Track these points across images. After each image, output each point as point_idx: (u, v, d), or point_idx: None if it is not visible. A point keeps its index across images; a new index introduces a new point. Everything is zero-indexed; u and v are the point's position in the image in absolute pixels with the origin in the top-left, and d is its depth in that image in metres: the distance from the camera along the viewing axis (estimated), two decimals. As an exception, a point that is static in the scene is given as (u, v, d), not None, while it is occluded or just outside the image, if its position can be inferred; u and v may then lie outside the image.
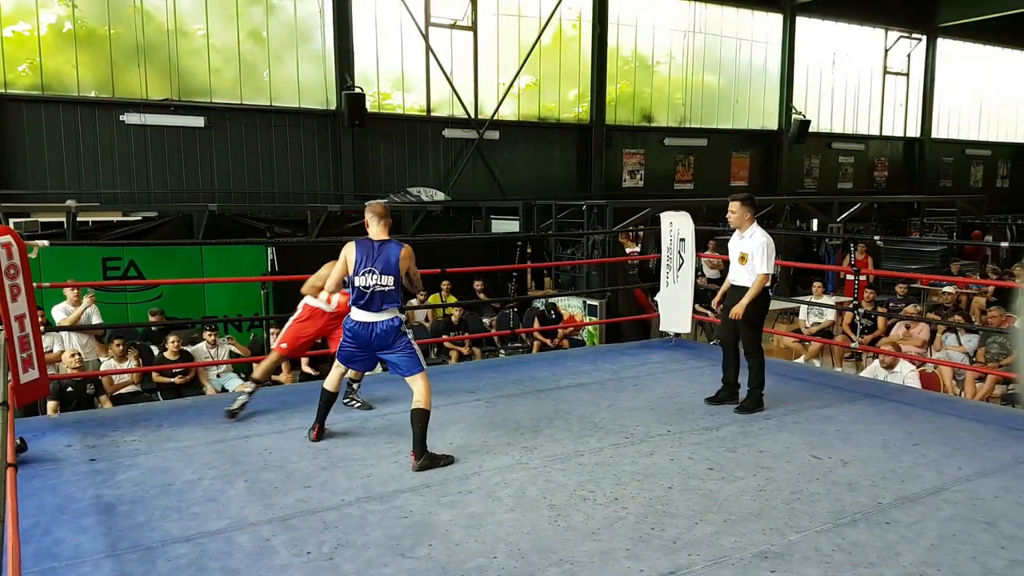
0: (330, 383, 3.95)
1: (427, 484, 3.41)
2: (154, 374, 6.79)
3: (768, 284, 4.52)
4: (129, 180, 11.55)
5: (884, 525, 3.01)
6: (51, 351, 6.58)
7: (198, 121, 11.88)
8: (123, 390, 6.57)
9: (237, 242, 9.26)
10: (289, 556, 2.75)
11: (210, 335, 7.14)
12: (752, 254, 4.45)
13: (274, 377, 7.36)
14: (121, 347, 6.62)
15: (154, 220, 9.86)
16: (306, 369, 7.45)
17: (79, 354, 6.37)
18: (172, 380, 6.83)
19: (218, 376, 7.23)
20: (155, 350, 7.21)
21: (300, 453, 3.81)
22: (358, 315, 3.69)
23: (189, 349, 7.03)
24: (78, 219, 8.79)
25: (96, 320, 7.04)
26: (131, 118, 11.43)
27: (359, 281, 3.64)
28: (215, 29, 12.11)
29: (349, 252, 3.70)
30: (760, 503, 3.20)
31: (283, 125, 12.62)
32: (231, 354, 7.26)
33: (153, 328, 7.60)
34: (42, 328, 4.15)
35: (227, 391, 6.97)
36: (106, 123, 11.36)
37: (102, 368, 6.60)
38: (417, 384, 3.68)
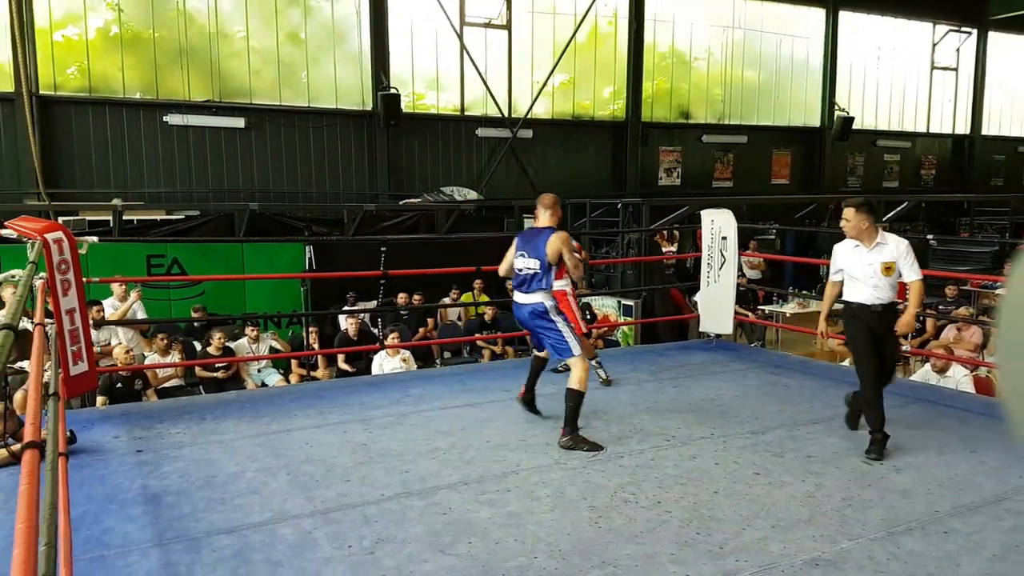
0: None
1: (465, 482, 3.38)
2: (197, 369, 6.93)
3: None
4: (172, 179, 11.83)
5: (942, 534, 2.88)
6: (108, 343, 6.76)
7: (238, 122, 12.11)
8: (166, 384, 6.72)
9: (277, 240, 9.40)
10: (331, 549, 2.76)
11: (252, 331, 7.26)
12: (899, 261, 3.84)
13: (312, 373, 7.47)
14: (165, 341, 6.78)
15: (196, 219, 10.07)
16: (342, 366, 7.52)
17: (132, 350, 6.54)
18: (215, 375, 6.96)
19: (259, 371, 7.35)
20: (197, 345, 7.36)
21: (339, 447, 3.83)
22: (515, 296, 4.00)
23: (231, 345, 7.15)
24: (123, 217, 9.03)
25: (141, 315, 7.21)
26: (174, 119, 11.71)
27: (516, 264, 4.01)
28: (255, 31, 12.32)
29: (515, 240, 4.07)
30: (810, 509, 3.10)
31: (320, 126, 12.78)
32: (271, 349, 7.37)
33: (196, 324, 7.77)
34: (92, 321, 4.25)
35: (267, 386, 7.07)
36: (150, 124, 11.66)
37: (146, 362, 6.76)
38: (572, 367, 3.87)
